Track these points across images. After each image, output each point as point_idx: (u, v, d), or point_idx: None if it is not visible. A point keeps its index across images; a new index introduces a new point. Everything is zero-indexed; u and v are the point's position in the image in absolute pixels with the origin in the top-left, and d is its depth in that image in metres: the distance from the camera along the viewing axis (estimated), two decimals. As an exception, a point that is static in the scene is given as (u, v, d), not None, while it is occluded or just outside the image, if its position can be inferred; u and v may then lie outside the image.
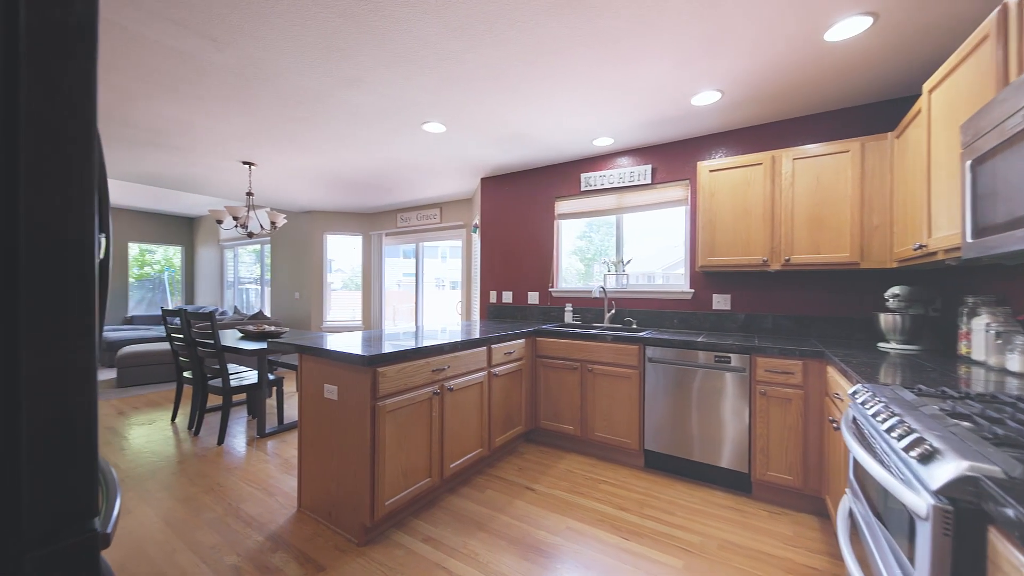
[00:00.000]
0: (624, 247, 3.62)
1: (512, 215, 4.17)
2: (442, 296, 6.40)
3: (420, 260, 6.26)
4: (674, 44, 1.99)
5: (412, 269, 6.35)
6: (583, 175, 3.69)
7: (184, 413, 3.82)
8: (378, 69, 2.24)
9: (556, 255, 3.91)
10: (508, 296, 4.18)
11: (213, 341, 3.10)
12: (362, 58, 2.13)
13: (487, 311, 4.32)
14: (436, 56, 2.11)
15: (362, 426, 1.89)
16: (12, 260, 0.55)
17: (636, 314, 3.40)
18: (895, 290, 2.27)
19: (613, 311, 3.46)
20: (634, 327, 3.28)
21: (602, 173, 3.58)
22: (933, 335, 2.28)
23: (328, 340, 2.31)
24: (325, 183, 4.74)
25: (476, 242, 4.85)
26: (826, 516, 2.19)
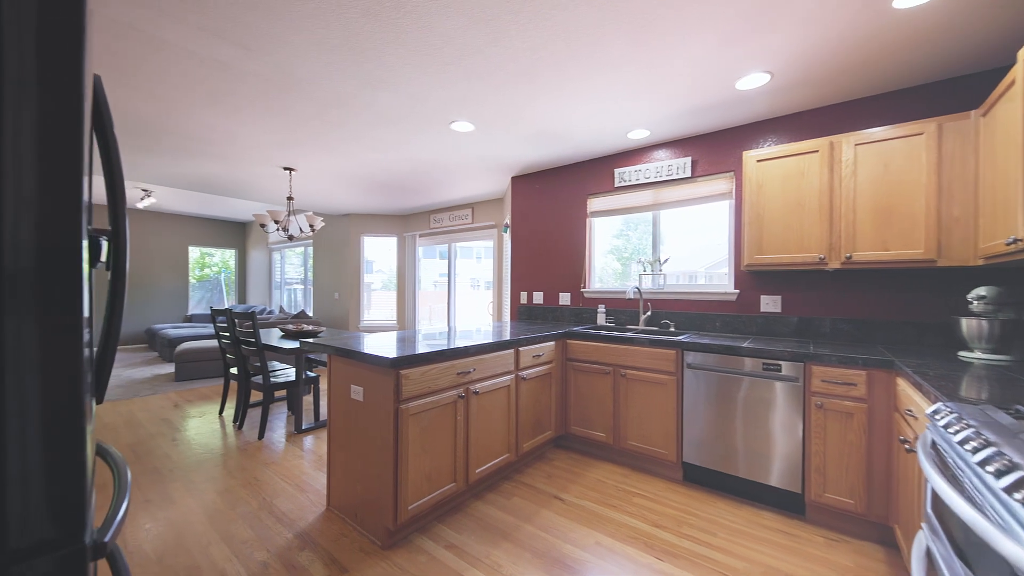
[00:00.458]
0: (662, 245, 3.43)
1: (543, 214, 4.07)
2: (477, 296, 6.39)
3: (452, 261, 6.30)
4: (717, 20, 1.82)
5: (446, 270, 6.39)
6: (617, 170, 3.53)
7: (231, 407, 4.03)
8: (403, 69, 2.22)
9: (589, 254, 3.77)
10: (539, 297, 4.08)
11: (254, 340, 3.23)
12: (386, 58, 2.12)
13: (517, 312, 4.25)
14: (459, 52, 2.06)
15: (385, 429, 1.88)
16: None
17: (674, 316, 3.20)
18: (981, 291, 1.97)
19: (649, 313, 3.28)
20: (672, 330, 3.09)
21: (637, 168, 3.40)
22: (1030, 343, 1.96)
23: (357, 340, 2.33)
24: (360, 186, 4.85)
25: (507, 242, 4.80)
26: (893, 546, 1.94)
